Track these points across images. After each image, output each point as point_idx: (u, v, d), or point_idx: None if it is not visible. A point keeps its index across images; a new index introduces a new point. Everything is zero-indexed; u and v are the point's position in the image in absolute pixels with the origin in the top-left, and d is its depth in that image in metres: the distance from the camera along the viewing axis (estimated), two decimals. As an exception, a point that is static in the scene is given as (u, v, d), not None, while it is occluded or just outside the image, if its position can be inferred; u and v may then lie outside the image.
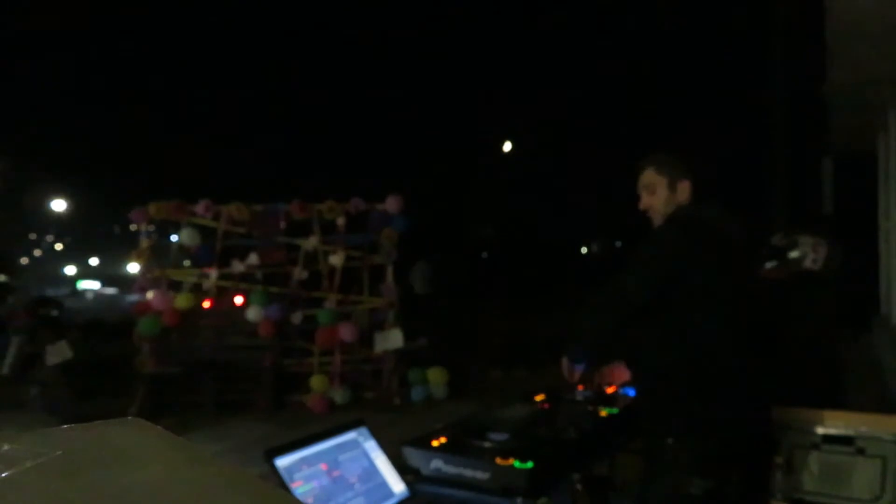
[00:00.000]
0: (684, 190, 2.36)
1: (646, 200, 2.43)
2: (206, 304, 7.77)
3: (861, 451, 2.51)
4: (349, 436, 1.96)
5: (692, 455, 2.13)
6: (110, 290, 44.32)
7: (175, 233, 7.99)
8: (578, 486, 2.43)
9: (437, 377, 7.81)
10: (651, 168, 2.42)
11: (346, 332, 7.61)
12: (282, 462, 1.72)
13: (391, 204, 8.00)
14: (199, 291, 7.79)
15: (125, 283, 29.15)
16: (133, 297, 8.00)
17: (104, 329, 13.73)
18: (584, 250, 37.97)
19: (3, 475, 0.63)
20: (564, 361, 2.62)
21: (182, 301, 7.50)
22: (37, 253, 51.43)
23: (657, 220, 2.41)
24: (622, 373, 2.73)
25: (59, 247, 57.13)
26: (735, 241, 2.35)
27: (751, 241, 2.53)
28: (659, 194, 2.39)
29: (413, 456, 2.06)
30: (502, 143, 25.19)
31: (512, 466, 1.91)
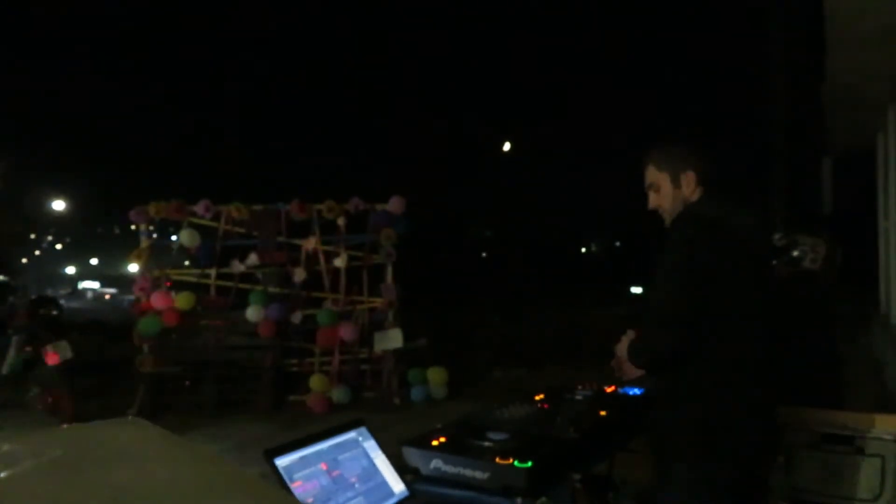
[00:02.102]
0: (689, 182, 2.17)
1: (653, 200, 2.26)
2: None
3: (860, 451, 2.51)
4: (349, 435, 1.96)
5: (706, 484, 2.02)
6: (110, 290, 44.36)
7: (175, 233, 7.99)
8: (578, 486, 2.42)
9: (437, 377, 7.82)
10: (651, 165, 2.25)
11: (346, 332, 7.61)
12: (282, 462, 1.72)
13: (394, 205, 8.00)
14: (199, 291, 7.79)
15: (125, 283, 29.15)
16: (133, 297, 7.98)
17: (104, 329, 13.76)
18: (583, 250, 38.01)
19: (3, 475, 0.63)
20: (629, 363, 2.28)
21: (182, 301, 7.51)
22: (37, 253, 51.39)
23: (667, 219, 2.23)
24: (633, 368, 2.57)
25: (59, 247, 57.10)
26: (751, 242, 2.14)
27: (767, 238, 2.35)
28: (664, 192, 2.22)
29: (413, 455, 2.06)
30: (502, 143, 25.22)
31: (511, 466, 1.91)
